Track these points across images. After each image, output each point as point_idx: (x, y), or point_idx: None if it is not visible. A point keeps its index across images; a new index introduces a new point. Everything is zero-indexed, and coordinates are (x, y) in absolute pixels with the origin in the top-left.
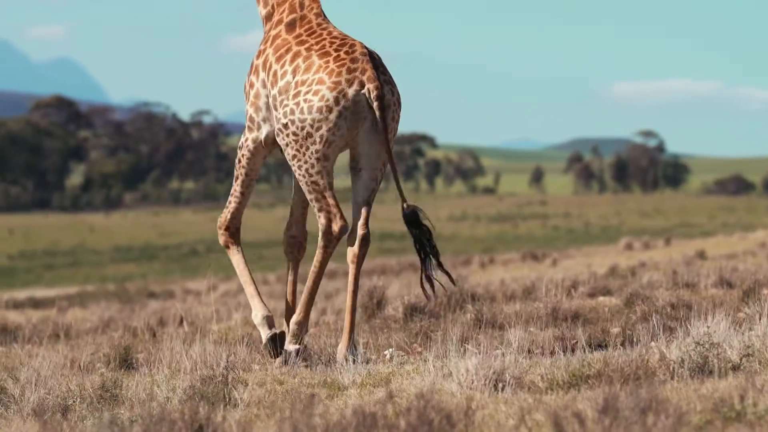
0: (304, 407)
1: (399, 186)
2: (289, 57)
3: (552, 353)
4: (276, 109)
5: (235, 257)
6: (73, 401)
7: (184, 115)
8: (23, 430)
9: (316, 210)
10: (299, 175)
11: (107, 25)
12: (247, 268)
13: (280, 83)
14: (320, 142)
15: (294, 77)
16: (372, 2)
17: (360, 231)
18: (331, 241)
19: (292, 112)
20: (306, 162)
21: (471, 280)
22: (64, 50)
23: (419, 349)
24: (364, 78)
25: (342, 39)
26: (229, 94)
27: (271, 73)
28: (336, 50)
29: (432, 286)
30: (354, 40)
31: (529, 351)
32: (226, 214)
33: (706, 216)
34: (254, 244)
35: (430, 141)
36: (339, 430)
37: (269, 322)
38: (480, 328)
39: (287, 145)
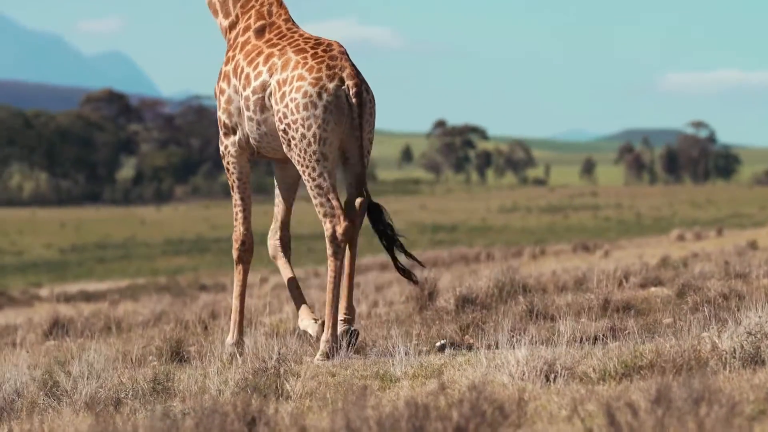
0: (356, 399)
1: (365, 186)
2: (261, 59)
3: (604, 344)
4: (248, 110)
5: (239, 277)
6: (125, 394)
7: None
8: (76, 423)
9: (321, 216)
10: (305, 180)
11: (158, 18)
12: (243, 294)
13: (255, 83)
14: (315, 142)
15: (271, 76)
16: None
17: (358, 200)
18: (340, 246)
19: (285, 116)
20: (308, 166)
21: (522, 271)
22: (115, 44)
23: (471, 341)
24: (344, 74)
25: (316, 39)
26: None
27: (243, 77)
28: (312, 48)
29: (409, 276)
30: (330, 40)
31: (580, 342)
32: (240, 229)
33: (757, 206)
34: (304, 236)
35: (481, 133)
36: (391, 421)
37: (236, 351)
38: (531, 319)
39: (291, 150)
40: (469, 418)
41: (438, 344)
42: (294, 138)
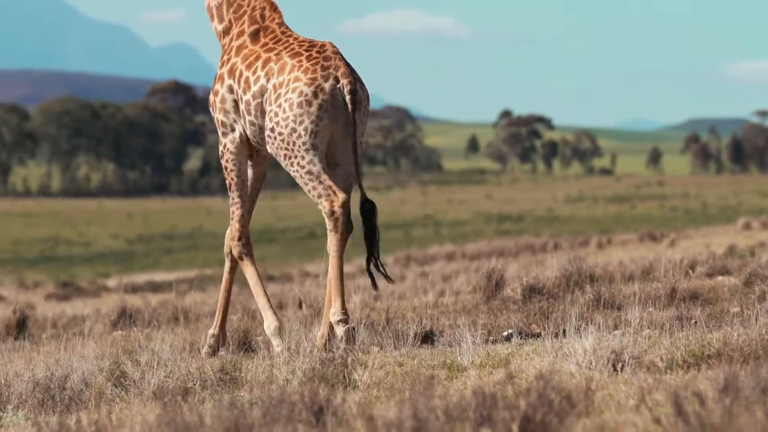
0: (423, 388)
1: (360, 183)
2: (259, 63)
3: (671, 333)
4: (249, 114)
5: (249, 269)
6: (193, 384)
7: None
8: (143, 413)
9: (315, 199)
10: (294, 172)
11: None
12: (260, 281)
13: (254, 88)
14: (305, 134)
15: (269, 81)
16: None
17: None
18: (339, 219)
19: (276, 114)
20: (296, 156)
21: (589, 260)
22: (181, 35)
23: (538, 330)
24: (339, 74)
25: (310, 42)
26: None
27: (242, 80)
28: (307, 50)
29: (372, 280)
30: (323, 42)
31: (648, 330)
32: (235, 226)
33: None
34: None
35: (546, 122)
36: (459, 411)
37: (281, 333)
38: (598, 308)
39: (278, 148)
40: (537, 408)
41: (505, 333)
42: (282, 134)
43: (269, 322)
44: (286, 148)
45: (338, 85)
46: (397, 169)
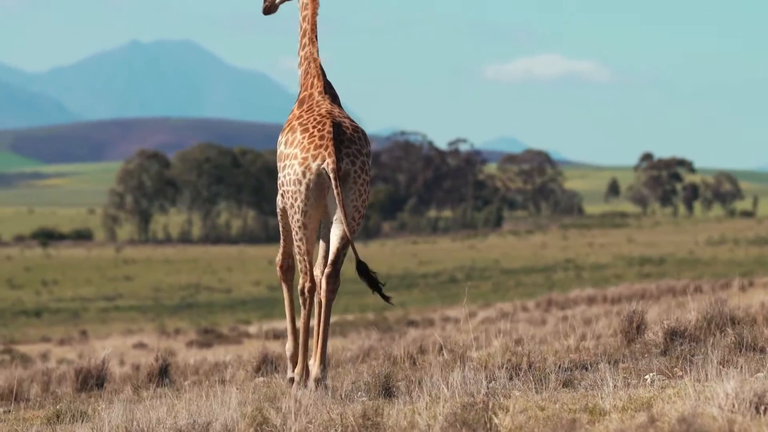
0: None
1: (353, 246)
2: (287, 129)
3: None
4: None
5: (286, 294)
6: (335, 430)
7: (441, 144)
8: None
9: (299, 273)
10: (294, 242)
11: (362, 55)
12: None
13: (278, 151)
14: (298, 212)
15: (285, 149)
16: (631, 25)
17: (327, 269)
18: (306, 299)
19: (283, 184)
20: (293, 229)
21: (730, 303)
22: None
23: (680, 373)
24: (326, 153)
25: (322, 117)
26: (485, 123)
27: (277, 143)
28: (313, 127)
29: (387, 299)
30: (328, 119)
31: None
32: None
33: None
34: (511, 270)
35: (687, 165)
36: None
37: (294, 361)
38: (741, 351)
39: (288, 212)
40: None
41: (648, 377)
42: (287, 204)
43: (290, 346)
44: (289, 218)
45: (323, 165)
46: (537, 213)
